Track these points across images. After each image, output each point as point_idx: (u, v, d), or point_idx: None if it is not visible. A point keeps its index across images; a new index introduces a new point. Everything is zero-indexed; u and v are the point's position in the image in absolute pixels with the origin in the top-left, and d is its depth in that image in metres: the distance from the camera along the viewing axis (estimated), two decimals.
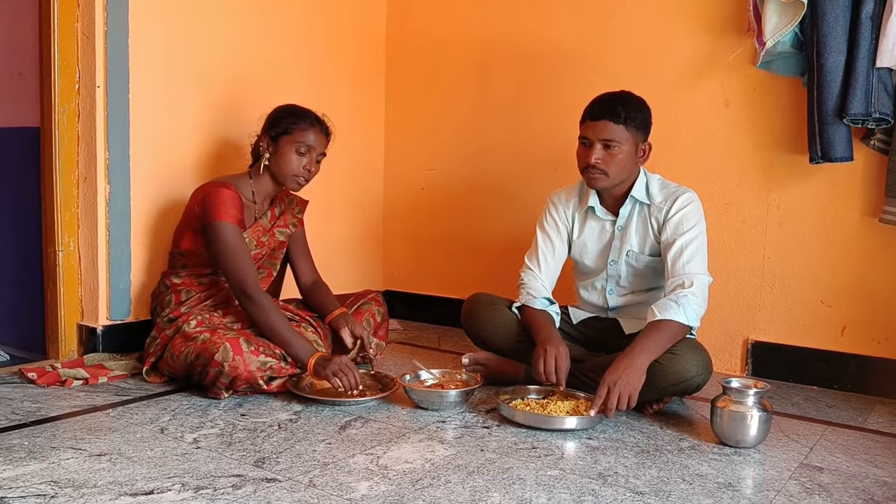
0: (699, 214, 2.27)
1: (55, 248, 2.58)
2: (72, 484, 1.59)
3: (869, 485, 1.75)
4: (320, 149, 2.45)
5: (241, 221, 2.37)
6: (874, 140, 2.43)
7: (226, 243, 2.30)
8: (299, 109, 2.46)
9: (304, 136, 2.41)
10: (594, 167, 2.23)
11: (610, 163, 2.23)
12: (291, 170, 2.41)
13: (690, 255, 2.21)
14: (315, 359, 2.24)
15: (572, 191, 2.46)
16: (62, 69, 2.53)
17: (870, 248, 2.50)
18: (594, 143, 2.23)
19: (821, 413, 2.31)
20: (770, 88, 2.62)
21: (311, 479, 1.65)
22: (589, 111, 2.27)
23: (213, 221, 2.31)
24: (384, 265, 3.67)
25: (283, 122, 2.42)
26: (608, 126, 2.21)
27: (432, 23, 3.43)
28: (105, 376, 2.36)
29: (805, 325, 2.62)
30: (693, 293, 2.14)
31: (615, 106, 2.22)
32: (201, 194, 2.39)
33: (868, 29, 2.29)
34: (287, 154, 2.41)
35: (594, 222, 2.41)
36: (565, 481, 1.69)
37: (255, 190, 2.48)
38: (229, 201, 2.34)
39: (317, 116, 2.46)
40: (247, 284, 2.29)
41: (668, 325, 2.09)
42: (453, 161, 3.41)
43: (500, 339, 2.41)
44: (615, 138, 2.22)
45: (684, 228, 2.24)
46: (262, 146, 2.45)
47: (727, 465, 1.84)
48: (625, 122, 2.22)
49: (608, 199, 2.38)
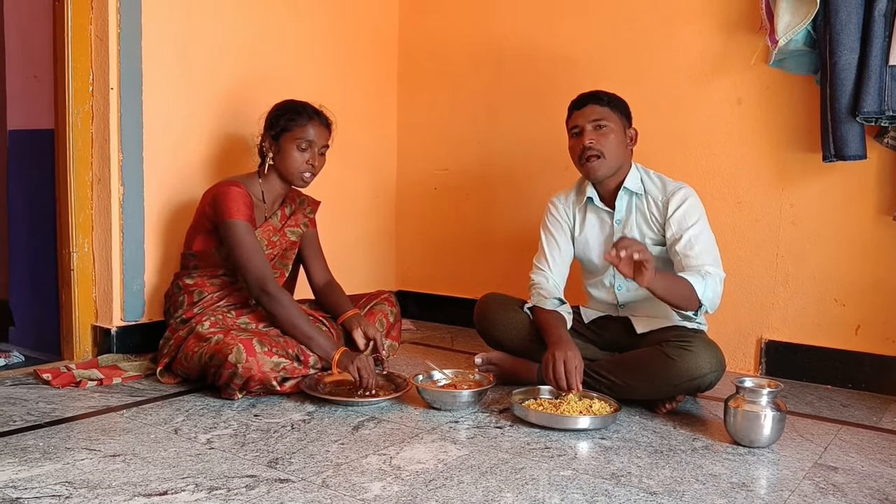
0: (700, 208, 2.29)
1: (69, 249, 2.60)
2: (86, 484, 1.60)
3: (884, 484, 1.73)
4: (322, 142, 2.45)
5: (252, 219, 2.38)
6: (888, 138, 2.42)
7: (240, 240, 2.31)
8: (296, 104, 2.45)
9: (303, 131, 2.41)
10: (590, 149, 2.27)
11: (604, 143, 2.28)
12: (296, 167, 2.42)
13: (702, 248, 2.21)
14: (340, 353, 2.27)
15: (570, 190, 2.50)
16: (76, 71, 2.55)
17: (884, 247, 2.49)
18: (584, 127, 2.29)
19: (835, 412, 2.29)
20: (783, 86, 2.61)
21: (325, 480, 1.66)
22: (572, 104, 2.37)
23: (226, 219, 2.32)
24: (397, 265, 3.67)
25: (281, 119, 2.42)
26: (594, 108, 2.30)
27: (444, 24, 3.43)
28: (119, 377, 2.38)
29: (819, 324, 2.61)
30: (712, 278, 2.14)
31: (596, 92, 2.34)
32: (211, 194, 2.40)
33: (881, 26, 2.28)
34: (290, 152, 2.41)
35: (593, 216, 2.42)
36: (578, 481, 1.69)
37: (264, 189, 2.49)
38: (240, 199, 2.35)
39: (314, 109, 2.46)
40: (266, 281, 2.30)
41: (686, 284, 2.09)
42: (466, 161, 3.41)
43: (512, 339, 2.42)
44: (604, 117, 2.29)
45: (689, 223, 2.25)
46: (264, 146, 2.46)
47: (741, 464, 1.83)
48: (609, 104, 2.32)
49: (604, 192, 2.39)
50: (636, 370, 2.18)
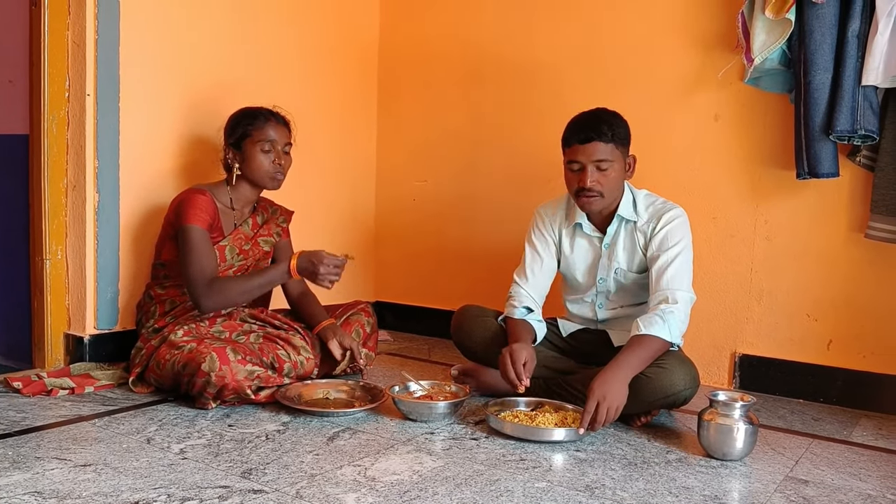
0: (685, 230, 2.28)
1: (43, 256, 2.57)
2: (56, 494, 1.58)
3: (853, 498, 1.75)
4: (284, 140, 2.46)
5: (211, 227, 2.37)
6: (860, 157, 2.46)
7: (193, 245, 2.30)
8: (251, 110, 2.47)
9: (263, 133, 2.41)
10: (590, 190, 2.22)
11: (605, 184, 2.23)
12: (264, 169, 2.42)
13: (675, 272, 2.21)
14: (295, 258, 2.33)
15: (558, 206, 2.47)
16: (52, 77, 2.53)
17: (856, 264, 2.52)
18: (586, 166, 2.21)
19: (807, 426, 2.32)
20: (758, 104, 2.65)
21: (299, 491, 1.65)
22: (575, 135, 2.23)
23: (183, 224, 2.32)
24: (375, 276, 3.66)
25: (239, 126, 2.43)
26: (598, 147, 2.20)
27: (425, 34, 3.45)
28: (92, 386, 2.35)
29: (792, 339, 2.64)
30: (678, 310, 2.15)
31: (600, 126, 2.21)
32: (177, 202, 2.40)
33: (854, 47, 2.32)
34: (254, 156, 2.41)
35: (582, 239, 2.42)
36: (553, 493, 1.69)
37: (232, 197, 2.48)
38: (201, 207, 2.34)
39: (269, 110, 2.47)
40: (204, 276, 2.29)
41: (652, 341, 2.10)
42: (445, 173, 3.42)
43: (488, 351, 2.41)
44: (607, 157, 2.21)
45: (669, 244, 2.25)
46: (228, 158, 2.46)
47: (714, 477, 1.84)
48: (613, 139, 2.21)
49: (596, 217, 2.38)
50: None
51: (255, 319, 2.47)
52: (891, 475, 1.92)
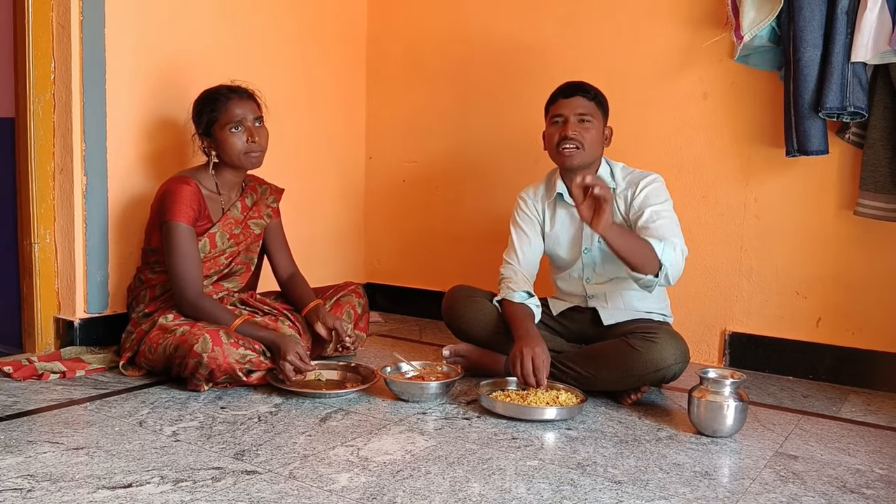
0: (665, 192, 2.31)
1: (31, 240, 2.55)
2: (49, 477, 1.58)
3: (842, 472, 1.77)
4: (252, 114, 2.39)
5: (197, 218, 2.35)
6: (849, 134, 2.46)
7: (176, 244, 2.29)
8: (210, 92, 2.40)
9: (228, 114, 2.35)
10: (570, 139, 2.28)
11: (585, 136, 2.29)
12: (238, 150, 2.36)
13: (665, 223, 2.21)
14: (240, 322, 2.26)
15: (539, 185, 2.51)
16: (37, 59, 2.50)
17: (845, 241, 2.53)
18: (568, 118, 2.30)
19: (796, 403, 2.34)
20: (748, 82, 2.64)
21: (292, 472, 1.65)
22: (560, 91, 2.37)
23: (167, 220, 2.30)
24: (366, 257, 3.66)
25: (203, 114, 2.39)
26: (581, 101, 2.32)
27: (413, 15, 3.42)
28: (83, 370, 2.34)
29: (781, 317, 2.65)
30: (677, 248, 2.14)
31: (584, 84, 2.36)
32: (162, 191, 2.37)
33: (843, 24, 2.32)
34: (226, 139, 2.35)
35: (563, 211, 2.43)
36: (545, 471, 1.70)
37: (217, 181, 2.45)
38: (187, 200, 2.31)
39: (229, 87, 2.41)
40: (186, 289, 2.28)
41: (644, 242, 2.10)
42: (434, 153, 3.41)
43: (480, 331, 2.42)
44: (589, 112, 2.31)
45: (653, 201, 2.27)
46: (203, 146, 2.42)
47: (704, 454, 1.86)
48: (594, 99, 2.34)
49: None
50: (602, 361, 2.20)
51: (245, 305, 2.46)
52: (879, 450, 1.94)
